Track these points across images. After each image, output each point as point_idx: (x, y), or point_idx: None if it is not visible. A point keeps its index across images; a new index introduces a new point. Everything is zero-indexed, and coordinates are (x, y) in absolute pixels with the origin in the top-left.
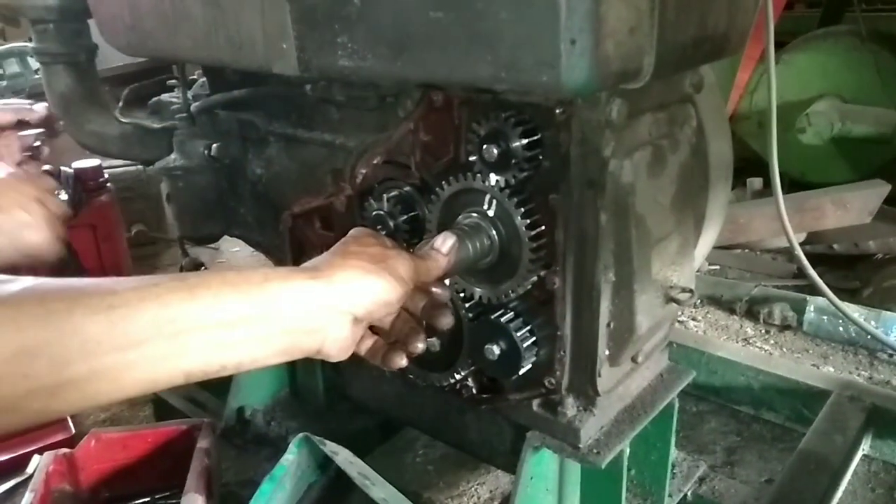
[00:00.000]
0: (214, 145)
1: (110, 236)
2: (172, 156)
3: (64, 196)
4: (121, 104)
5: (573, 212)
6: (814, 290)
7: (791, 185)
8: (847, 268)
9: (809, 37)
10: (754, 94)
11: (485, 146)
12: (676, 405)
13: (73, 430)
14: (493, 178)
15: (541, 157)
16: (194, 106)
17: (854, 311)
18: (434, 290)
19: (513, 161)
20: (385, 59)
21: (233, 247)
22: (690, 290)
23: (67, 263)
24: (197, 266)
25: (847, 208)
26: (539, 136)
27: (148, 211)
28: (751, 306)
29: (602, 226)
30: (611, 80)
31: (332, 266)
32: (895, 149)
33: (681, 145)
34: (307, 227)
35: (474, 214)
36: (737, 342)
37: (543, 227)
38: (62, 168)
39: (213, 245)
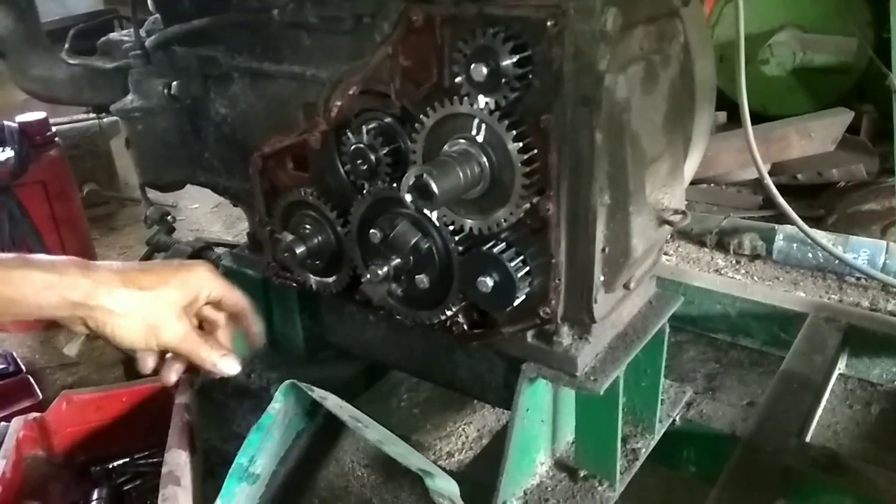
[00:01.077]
0: (174, 83)
1: (63, 193)
2: (129, 97)
3: (10, 153)
4: (67, 46)
5: (567, 132)
6: (781, 220)
7: (753, 118)
8: (811, 196)
9: None
10: (715, 28)
11: (472, 66)
12: (667, 331)
13: (41, 396)
14: (481, 100)
15: (531, 76)
16: (149, 41)
17: (822, 237)
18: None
19: (503, 80)
20: None
21: (191, 204)
22: (683, 212)
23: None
24: (163, 216)
25: (812, 137)
26: (530, 52)
27: (99, 169)
28: (721, 238)
29: (597, 146)
30: None
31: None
32: (855, 77)
33: (671, 61)
34: (279, 169)
35: (462, 141)
36: (709, 273)
37: (536, 151)
38: (5, 123)
39: (171, 203)
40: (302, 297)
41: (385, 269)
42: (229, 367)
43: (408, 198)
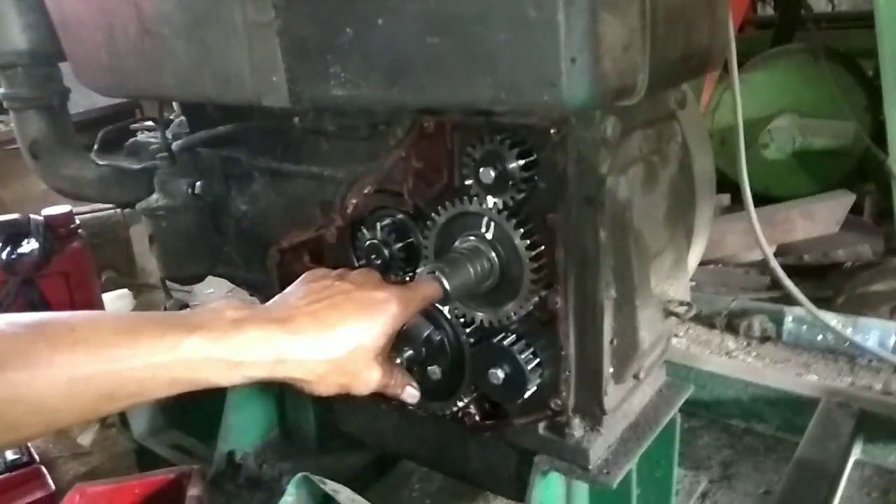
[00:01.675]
0: (198, 183)
1: (84, 283)
2: (154, 196)
3: (34, 245)
4: (96, 147)
5: (572, 230)
6: (789, 301)
7: (756, 200)
8: (818, 277)
9: (766, 56)
10: (715, 113)
11: (481, 169)
12: (679, 420)
13: (53, 487)
14: (490, 200)
15: (537, 178)
16: (176, 145)
17: (831, 318)
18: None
19: (510, 182)
20: (380, 86)
21: (207, 288)
22: (688, 304)
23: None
24: (182, 308)
25: (815, 219)
26: (535, 156)
27: (118, 257)
28: (730, 320)
29: (602, 242)
30: (609, 97)
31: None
32: (855, 158)
33: (670, 160)
34: (296, 262)
35: (472, 238)
36: (720, 356)
37: (543, 247)
38: (31, 216)
39: (186, 287)
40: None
41: (398, 360)
42: (412, 397)
43: None
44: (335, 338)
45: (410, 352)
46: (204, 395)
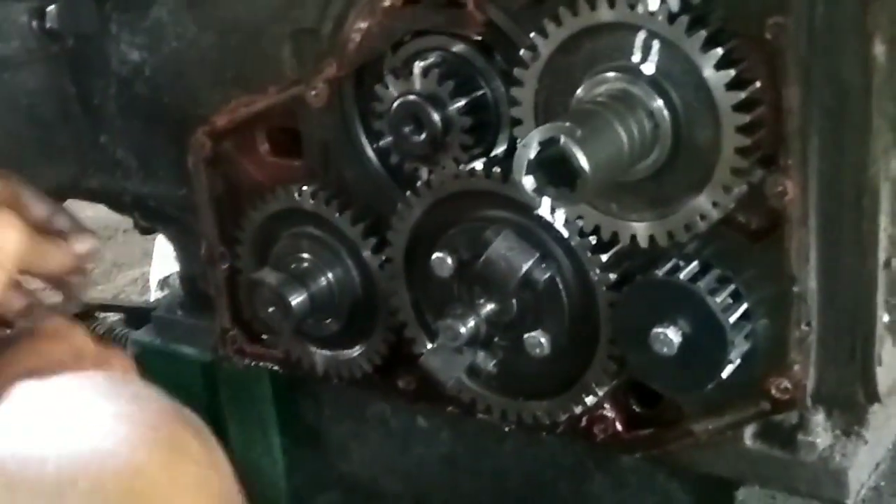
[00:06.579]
0: (49, 9)
1: None
2: None
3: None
4: None
5: (816, 47)
6: None
7: None
8: None
9: None
10: None
11: None
12: None
13: None
14: None
15: None
16: None
17: None
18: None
19: None
20: None
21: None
22: None
23: None
24: None
25: None
26: None
27: None
28: None
29: (878, 66)
30: None
31: None
32: None
33: None
34: (245, 155)
35: (614, 75)
36: None
37: (758, 85)
38: None
39: None
40: (280, 395)
41: (471, 322)
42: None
43: (527, 184)
44: None
45: (492, 306)
46: None
